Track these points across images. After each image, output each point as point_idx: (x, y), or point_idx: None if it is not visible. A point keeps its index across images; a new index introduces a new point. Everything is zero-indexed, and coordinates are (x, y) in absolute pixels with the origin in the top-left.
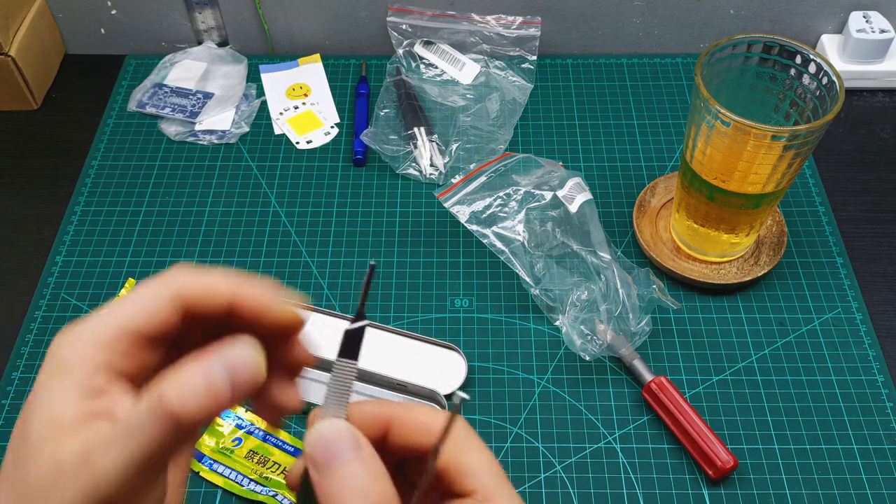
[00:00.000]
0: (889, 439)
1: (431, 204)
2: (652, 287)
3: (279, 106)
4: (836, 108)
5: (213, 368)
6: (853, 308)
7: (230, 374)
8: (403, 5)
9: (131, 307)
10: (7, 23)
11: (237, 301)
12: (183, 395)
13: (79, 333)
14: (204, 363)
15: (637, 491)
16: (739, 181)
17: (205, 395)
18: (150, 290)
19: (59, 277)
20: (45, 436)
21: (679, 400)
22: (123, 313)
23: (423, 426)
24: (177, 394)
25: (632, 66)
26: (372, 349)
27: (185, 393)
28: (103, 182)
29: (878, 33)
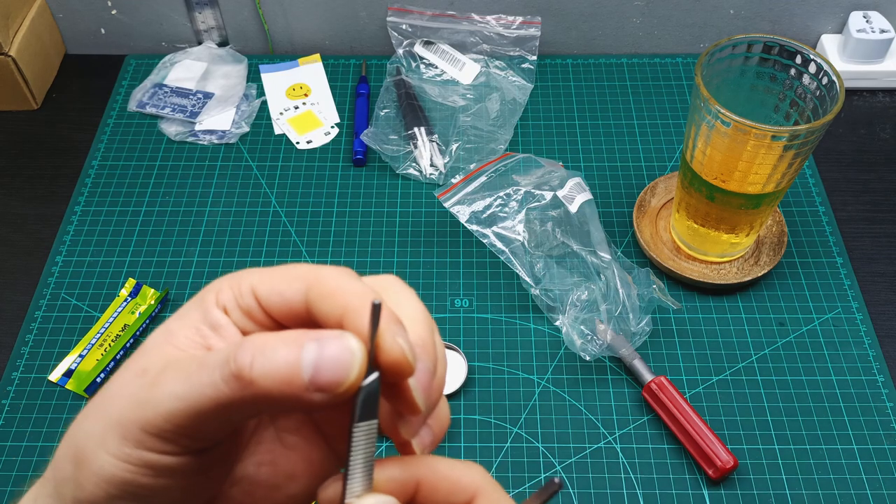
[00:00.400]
0: (889, 439)
1: (431, 204)
2: (652, 287)
3: (279, 106)
4: (836, 108)
5: (304, 350)
6: (853, 308)
7: (315, 363)
8: (403, 5)
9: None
10: (7, 23)
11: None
12: (258, 359)
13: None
14: (300, 340)
15: (637, 491)
16: (739, 181)
17: (278, 371)
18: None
19: (59, 277)
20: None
21: (679, 400)
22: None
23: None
24: (251, 356)
25: (632, 66)
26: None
27: (261, 359)
28: (103, 182)
29: (878, 33)
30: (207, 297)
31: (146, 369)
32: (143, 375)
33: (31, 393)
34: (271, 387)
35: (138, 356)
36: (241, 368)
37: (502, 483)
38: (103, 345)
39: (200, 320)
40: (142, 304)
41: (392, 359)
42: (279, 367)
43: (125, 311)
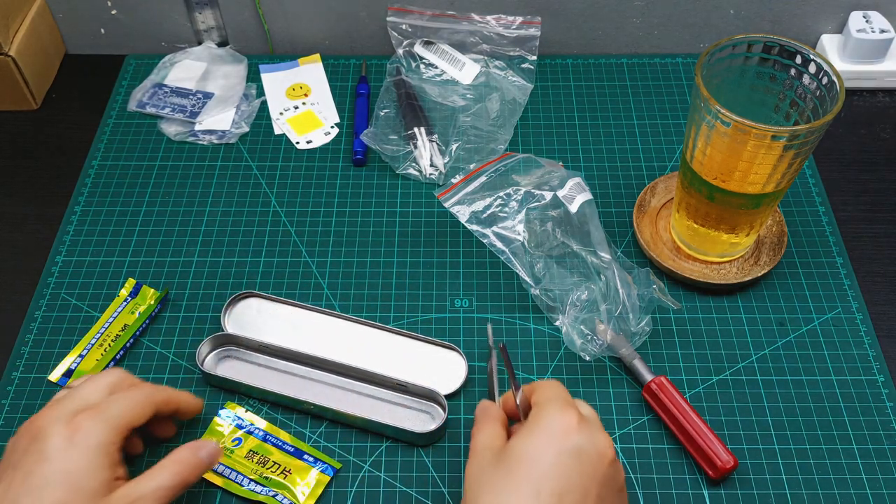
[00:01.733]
0: (889, 439)
1: (431, 204)
2: (652, 287)
3: (279, 106)
4: (836, 108)
5: (202, 455)
6: (853, 308)
7: (209, 458)
8: (403, 5)
9: (129, 410)
10: (7, 23)
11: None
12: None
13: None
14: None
15: (637, 491)
16: (739, 181)
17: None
18: (139, 400)
19: (59, 277)
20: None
21: (679, 400)
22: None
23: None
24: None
25: (632, 66)
26: (372, 349)
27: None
28: (103, 182)
29: (878, 33)
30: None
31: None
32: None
33: (31, 393)
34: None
35: None
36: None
37: None
38: (103, 345)
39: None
40: (142, 304)
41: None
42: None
43: (125, 311)
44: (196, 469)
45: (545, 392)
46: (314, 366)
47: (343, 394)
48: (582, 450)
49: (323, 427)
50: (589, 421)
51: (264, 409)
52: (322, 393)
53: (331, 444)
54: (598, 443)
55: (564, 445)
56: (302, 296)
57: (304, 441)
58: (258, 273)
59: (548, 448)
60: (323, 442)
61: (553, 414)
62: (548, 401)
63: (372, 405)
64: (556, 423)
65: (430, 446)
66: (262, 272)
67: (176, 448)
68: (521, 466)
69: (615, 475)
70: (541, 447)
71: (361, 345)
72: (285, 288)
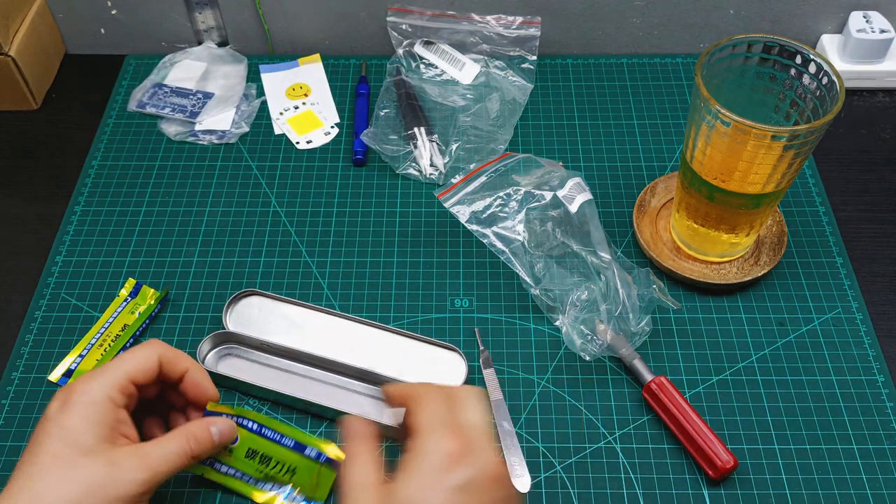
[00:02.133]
0: (889, 439)
1: (431, 204)
2: (652, 287)
3: (279, 106)
4: (836, 108)
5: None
6: (853, 308)
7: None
8: (403, 5)
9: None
10: (7, 23)
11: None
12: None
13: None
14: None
15: (637, 491)
16: (739, 181)
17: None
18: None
19: (59, 277)
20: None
21: (679, 400)
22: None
23: None
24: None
25: (632, 66)
26: (372, 349)
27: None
28: (103, 182)
29: (878, 33)
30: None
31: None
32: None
33: (31, 393)
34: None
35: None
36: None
37: None
38: (103, 345)
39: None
40: (142, 304)
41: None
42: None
43: (125, 311)
44: (205, 444)
45: (422, 412)
46: (315, 365)
47: (343, 393)
48: (470, 482)
49: (323, 427)
50: (473, 441)
51: (265, 408)
52: (322, 392)
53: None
54: (487, 467)
55: (450, 483)
56: (302, 296)
57: None
58: (258, 273)
59: (433, 491)
60: None
61: (433, 447)
62: (426, 426)
63: (372, 405)
64: (438, 458)
65: None
66: (262, 272)
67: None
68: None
69: (508, 493)
70: (426, 491)
71: (362, 344)
72: (285, 288)
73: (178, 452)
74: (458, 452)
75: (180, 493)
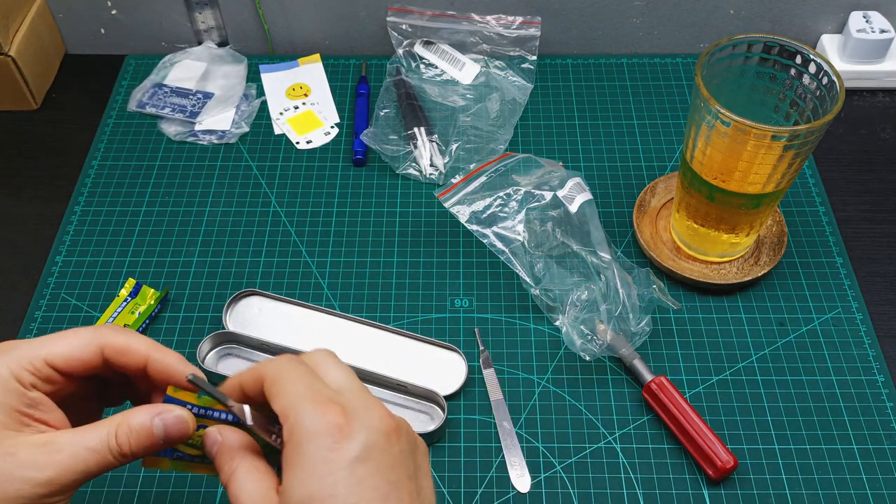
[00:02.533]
0: (889, 439)
1: (431, 204)
2: (652, 287)
3: (279, 106)
4: (836, 108)
5: (155, 422)
6: (853, 308)
7: (166, 428)
8: (403, 5)
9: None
10: (7, 23)
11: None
12: (131, 436)
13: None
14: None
15: (637, 491)
16: (739, 181)
17: (145, 441)
18: (77, 337)
19: (59, 277)
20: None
21: (679, 400)
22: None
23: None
24: (126, 435)
25: (632, 66)
26: (372, 349)
27: (134, 435)
28: (103, 182)
29: (878, 33)
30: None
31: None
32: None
33: None
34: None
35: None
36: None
37: (503, 482)
38: None
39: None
40: (141, 304)
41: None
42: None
43: (125, 311)
44: (139, 439)
45: (283, 391)
46: None
47: None
48: (368, 447)
49: None
50: (350, 401)
51: None
52: None
53: None
54: (377, 424)
55: (347, 458)
56: (302, 296)
57: None
58: (258, 273)
59: (333, 475)
60: None
61: (312, 426)
62: (294, 407)
63: None
64: (323, 437)
65: (429, 447)
66: (262, 272)
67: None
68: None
69: (407, 439)
70: (325, 479)
71: (362, 344)
72: (285, 288)
73: (95, 447)
74: (342, 421)
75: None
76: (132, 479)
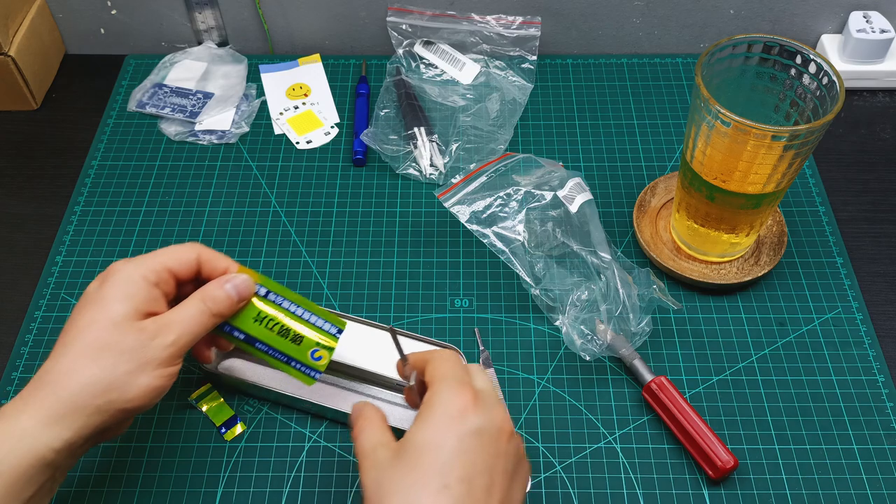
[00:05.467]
0: (889, 439)
1: (431, 204)
2: (652, 287)
3: (279, 106)
4: (836, 108)
5: (227, 287)
6: (853, 308)
7: (235, 288)
8: (403, 5)
9: (171, 254)
10: (7, 23)
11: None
12: (216, 300)
13: (135, 261)
14: (222, 283)
15: (637, 491)
16: (739, 181)
17: (224, 301)
18: (184, 248)
19: (59, 277)
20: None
21: (679, 400)
22: (166, 256)
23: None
24: (212, 300)
25: (632, 66)
26: (372, 349)
27: (217, 299)
28: (103, 182)
29: (878, 33)
30: (140, 282)
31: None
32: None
33: None
34: (224, 309)
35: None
36: (211, 309)
37: None
38: None
39: (146, 296)
40: None
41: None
42: (226, 301)
43: None
44: (222, 301)
45: (437, 369)
46: None
47: (343, 393)
48: (482, 429)
49: (323, 427)
50: (484, 397)
51: (264, 408)
52: (322, 392)
53: (331, 444)
54: (496, 418)
55: (464, 428)
56: (302, 295)
57: (304, 440)
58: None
59: (447, 434)
60: (323, 442)
61: (447, 396)
62: (441, 381)
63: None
64: (452, 406)
65: None
66: (262, 272)
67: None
68: (423, 458)
69: (517, 447)
70: (440, 434)
71: (362, 344)
72: None
73: (197, 312)
74: (472, 404)
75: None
76: (132, 479)
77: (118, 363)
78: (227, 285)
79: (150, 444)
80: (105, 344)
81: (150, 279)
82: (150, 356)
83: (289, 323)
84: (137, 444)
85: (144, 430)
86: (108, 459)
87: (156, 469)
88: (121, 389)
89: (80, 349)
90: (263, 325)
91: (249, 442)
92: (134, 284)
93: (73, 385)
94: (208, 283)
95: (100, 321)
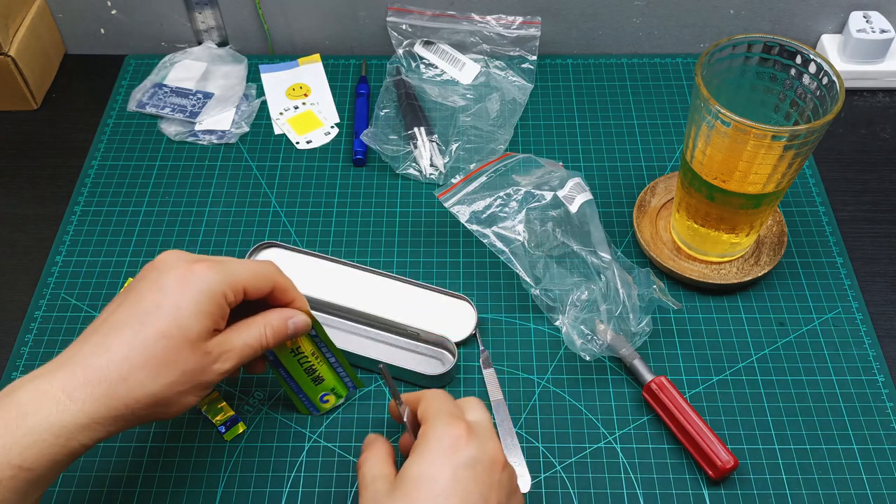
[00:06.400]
0: (889, 439)
1: (431, 204)
2: (652, 287)
3: (279, 106)
4: (836, 108)
5: (289, 323)
6: (853, 308)
7: (294, 326)
8: (403, 5)
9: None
10: (7, 23)
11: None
12: (275, 333)
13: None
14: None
15: (637, 491)
16: (739, 181)
17: (282, 334)
18: (264, 270)
19: (59, 277)
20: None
21: (679, 400)
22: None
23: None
24: (272, 332)
25: (632, 66)
26: (388, 298)
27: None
28: (103, 182)
29: (878, 33)
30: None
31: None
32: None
33: None
34: (280, 341)
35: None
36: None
37: None
38: None
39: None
40: None
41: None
42: (282, 337)
43: None
44: (281, 335)
45: (430, 405)
46: (333, 314)
47: (360, 340)
48: (476, 460)
49: (323, 427)
50: (477, 429)
51: (265, 408)
52: (340, 338)
53: (331, 444)
54: (490, 450)
55: (458, 460)
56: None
57: (304, 440)
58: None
59: (442, 466)
60: (323, 442)
61: (441, 429)
62: (434, 415)
63: (387, 351)
64: (446, 439)
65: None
66: None
67: (268, 310)
68: (418, 490)
69: (509, 479)
70: (435, 467)
71: (378, 294)
72: None
73: (256, 339)
74: (465, 436)
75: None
76: (132, 479)
77: (175, 384)
78: (291, 322)
79: (151, 444)
80: (170, 361)
81: (230, 298)
82: (205, 380)
83: (319, 366)
84: (137, 444)
85: (145, 430)
86: (108, 459)
87: (156, 469)
88: (167, 405)
89: (145, 360)
90: (296, 360)
91: (249, 442)
92: (214, 301)
93: (126, 396)
94: (274, 313)
95: (174, 337)
